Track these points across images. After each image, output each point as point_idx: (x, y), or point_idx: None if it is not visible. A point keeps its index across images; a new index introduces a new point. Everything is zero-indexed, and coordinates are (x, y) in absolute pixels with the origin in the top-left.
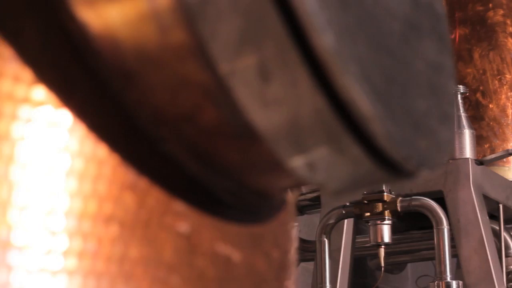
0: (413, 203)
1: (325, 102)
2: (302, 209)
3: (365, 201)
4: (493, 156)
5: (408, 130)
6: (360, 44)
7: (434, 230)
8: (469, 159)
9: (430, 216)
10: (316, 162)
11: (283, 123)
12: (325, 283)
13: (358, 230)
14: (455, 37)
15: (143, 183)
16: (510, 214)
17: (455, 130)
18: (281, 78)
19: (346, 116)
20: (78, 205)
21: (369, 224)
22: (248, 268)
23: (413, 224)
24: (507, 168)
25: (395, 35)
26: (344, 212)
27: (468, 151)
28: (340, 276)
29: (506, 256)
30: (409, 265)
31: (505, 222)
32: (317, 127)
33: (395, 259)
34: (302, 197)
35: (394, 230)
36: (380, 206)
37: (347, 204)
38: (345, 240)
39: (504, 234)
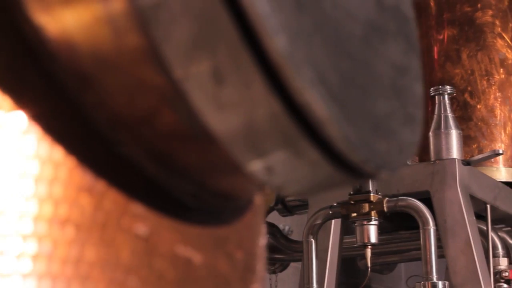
0: (400, 203)
1: (280, 105)
2: (292, 209)
3: (352, 202)
4: (480, 156)
5: (367, 133)
6: (316, 47)
7: (420, 231)
8: (456, 160)
9: (416, 217)
10: (274, 166)
11: (239, 127)
12: (312, 283)
13: (346, 230)
14: (443, 37)
15: (100, 185)
16: (498, 214)
17: (442, 130)
18: (235, 82)
19: (302, 119)
20: (33, 207)
21: (356, 224)
22: (209, 270)
23: (402, 224)
24: (495, 169)
25: (356, 37)
26: (330, 212)
27: (455, 151)
28: (328, 276)
29: (494, 256)
30: (402, 265)
31: (493, 223)
32: (273, 130)
33: (384, 259)
34: (292, 197)
35: (383, 230)
36: (366, 207)
37: (334, 204)
38: (332, 241)
39: (491, 234)
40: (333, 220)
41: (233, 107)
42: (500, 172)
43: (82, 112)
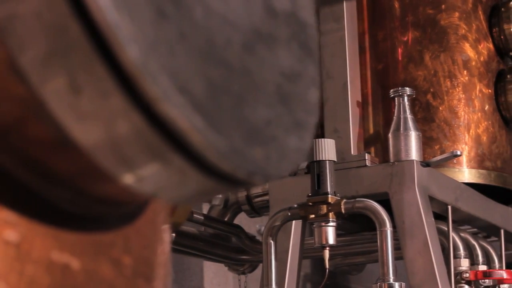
0: (357, 205)
1: (140, 117)
2: (259, 211)
3: (310, 203)
4: (438, 158)
5: (238, 140)
6: (179, 56)
7: (378, 232)
8: (414, 161)
9: (373, 218)
10: (143, 176)
11: (103, 139)
12: (271, 285)
13: (312, 232)
14: (407, 39)
15: None
16: (462, 215)
17: (401, 132)
18: (92, 93)
19: (165, 130)
20: None
21: (314, 226)
22: (90, 275)
23: (369, 225)
24: (457, 170)
25: (235, 45)
26: (289, 214)
27: (414, 153)
28: (288, 278)
29: (455, 257)
30: (374, 265)
31: (458, 224)
32: (138, 142)
33: (351, 260)
34: (260, 199)
35: (348, 231)
36: (324, 208)
37: (293, 206)
38: (292, 242)
39: (453, 235)
40: (293, 221)
41: (93, 118)
42: (463, 173)
43: None
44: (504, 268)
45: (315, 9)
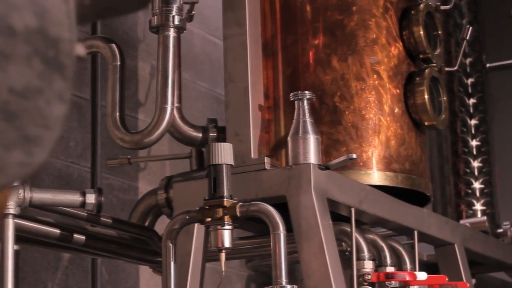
0: (251, 208)
1: None
2: None
3: (207, 207)
4: (335, 161)
5: None
6: None
7: (271, 235)
8: (311, 164)
9: (267, 221)
10: None
11: None
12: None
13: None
14: (316, 42)
15: None
16: (372, 217)
17: (300, 135)
18: None
19: None
20: None
21: (210, 229)
22: None
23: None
24: (363, 172)
25: None
26: (187, 217)
27: (312, 156)
28: (190, 281)
29: (359, 259)
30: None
31: (370, 226)
32: None
33: (269, 261)
34: None
35: (261, 233)
36: (220, 212)
37: (192, 209)
38: (195, 245)
39: (357, 237)
40: (196, 225)
41: None
42: (369, 176)
43: None
44: (417, 270)
45: (80, 22)
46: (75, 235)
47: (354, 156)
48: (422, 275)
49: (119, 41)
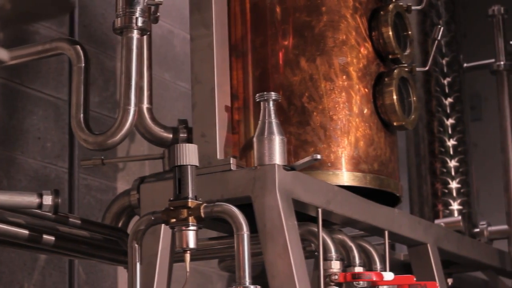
0: (215, 209)
1: None
2: None
3: (171, 208)
4: (300, 162)
5: None
6: None
7: (235, 236)
8: (276, 165)
9: (231, 222)
10: None
11: None
12: None
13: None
14: (285, 43)
15: None
16: (337, 218)
17: (265, 136)
18: None
19: None
20: None
21: (175, 230)
22: None
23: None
24: (331, 173)
25: None
26: (153, 218)
27: (277, 157)
28: (157, 281)
29: (326, 259)
30: None
31: (340, 226)
32: None
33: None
34: None
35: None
36: (185, 213)
37: (157, 210)
38: (162, 245)
39: (325, 237)
40: (162, 225)
41: None
42: (337, 176)
43: None
44: (388, 270)
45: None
46: (45, 236)
47: (319, 156)
48: (388, 275)
49: (98, 42)
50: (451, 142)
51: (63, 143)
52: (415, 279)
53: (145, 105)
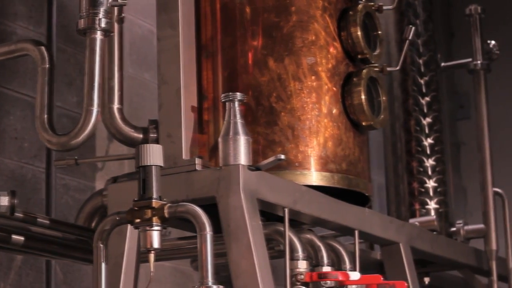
0: (179, 209)
1: None
2: None
3: (136, 208)
4: (265, 162)
5: None
6: None
7: (197, 236)
8: (240, 165)
9: (194, 222)
10: None
11: None
12: None
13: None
14: (253, 44)
15: None
16: (305, 218)
17: (230, 136)
18: None
19: None
20: None
21: (139, 230)
22: None
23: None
24: (299, 173)
25: None
26: (118, 218)
27: (242, 157)
28: (123, 281)
29: (293, 259)
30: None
31: (310, 226)
32: None
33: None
34: None
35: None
36: (149, 213)
37: (122, 211)
38: (128, 245)
39: (292, 237)
40: (129, 225)
41: None
42: (305, 176)
43: None
44: (357, 269)
45: None
46: (14, 236)
47: (283, 157)
48: (355, 275)
49: (77, 41)
50: (428, 141)
51: (40, 143)
52: (382, 278)
53: (115, 106)
